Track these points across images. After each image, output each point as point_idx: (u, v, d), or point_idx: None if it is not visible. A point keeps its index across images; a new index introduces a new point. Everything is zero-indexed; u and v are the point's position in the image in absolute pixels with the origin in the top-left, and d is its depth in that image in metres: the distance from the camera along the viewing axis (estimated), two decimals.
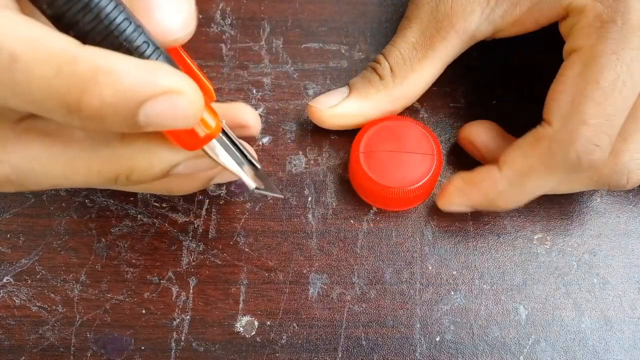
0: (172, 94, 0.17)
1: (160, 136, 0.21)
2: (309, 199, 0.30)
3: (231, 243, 0.28)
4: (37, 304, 0.27)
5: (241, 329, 0.27)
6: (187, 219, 0.29)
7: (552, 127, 0.25)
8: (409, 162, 0.28)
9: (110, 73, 0.16)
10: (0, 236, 0.28)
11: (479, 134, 0.29)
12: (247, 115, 0.26)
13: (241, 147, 0.23)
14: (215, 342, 0.27)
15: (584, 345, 0.27)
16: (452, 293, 0.28)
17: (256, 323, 0.27)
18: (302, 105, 0.32)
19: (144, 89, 0.16)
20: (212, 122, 0.21)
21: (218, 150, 0.22)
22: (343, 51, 0.33)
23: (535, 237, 0.29)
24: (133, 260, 0.28)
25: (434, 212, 0.29)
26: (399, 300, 0.28)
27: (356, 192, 0.30)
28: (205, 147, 0.21)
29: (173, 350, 0.27)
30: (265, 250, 0.28)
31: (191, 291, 0.28)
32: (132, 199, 0.29)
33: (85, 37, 0.17)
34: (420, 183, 0.27)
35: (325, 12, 0.34)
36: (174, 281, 0.28)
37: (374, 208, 0.29)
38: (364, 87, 0.29)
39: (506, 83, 0.32)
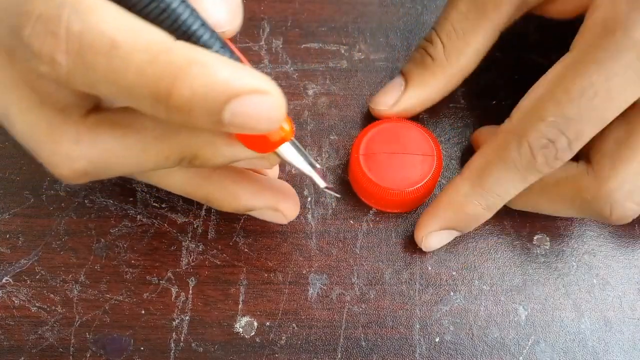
0: (260, 93, 0.17)
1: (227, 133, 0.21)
2: (309, 199, 0.29)
3: (230, 243, 0.28)
4: (37, 304, 0.27)
5: (240, 329, 0.27)
6: (187, 220, 0.29)
7: (511, 121, 0.25)
8: (409, 164, 0.28)
9: (204, 65, 0.16)
10: None
11: (485, 138, 0.29)
12: None
13: (301, 147, 0.23)
14: (215, 342, 0.27)
15: (584, 346, 0.27)
16: (452, 294, 0.28)
17: (255, 323, 0.27)
18: (302, 105, 0.32)
19: (233, 84, 0.17)
20: (286, 125, 0.21)
21: (289, 152, 0.22)
22: (343, 51, 0.33)
23: (535, 238, 0.29)
24: (132, 261, 0.28)
25: None
26: (398, 301, 0.28)
27: (356, 193, 0.30)
28: (277, 152, 0.22)
29: (172, 351, 0.27)
30: (264, 251, 0.28)
31: (190, 291, 0.28)
32: (131, 199, 0.29)
33: None
34: (420, 184, 0.27)
35: (325, 12, 0.34)
36: (174, 281, 0.28)
37: (374, 209, 0.29)
38: (420, 75, 0.28)
39: (506, 84, 0.32)
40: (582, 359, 0.27)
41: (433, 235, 0.27)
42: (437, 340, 0.27)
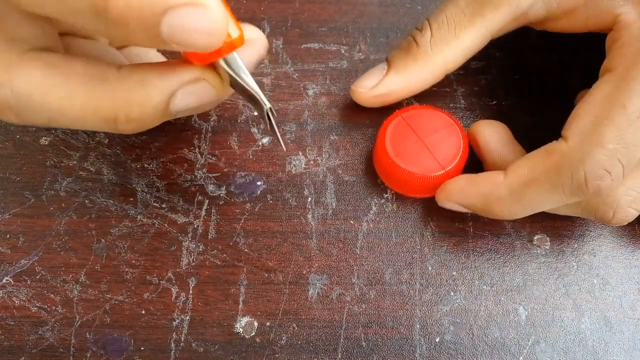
0: (195, 6, 0.17)
1: (156, 68, 0.21)
2: (309, 199, 0.29)
3: (231, 243, 0.28)
4: (37, 304, 0.27)
5: (241, 329, 0.27)
6: (187, 220, 0.29)
7: (568, 143, 0.24)
8: (437, 144, 0.28)
9: None
10: None
11: (484, 133, 0.29)
12: (247, 31, 0.24)
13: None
14: (215, 342, 0.27)
15: (584, 346, 0.27)
16: (452, 294, 0.28)
17: (256, 324, 0.27)
18: (302, 105, 0.32)
19: None
20: (234, 32, 0.19)
21: (237, 66, 0.20)
22: (343, 51, 0.33)
23: (535, 238, 0.29)
24: (133, 261, 0.28)
25: (434, 212, 0.29)
26: (398, 301, 0.28)
27: (357, 192, 0.30)
28: (222, 62, 0.20)
29: (172, 351, 0.27)
30: (265, 251, 0.28)
31: (191, 292, 0.28)
32: (131, 199, 0.29)
33: None
34: (450, 167, 0.28)
35: (325, 12, 0.34)
36: (174, 282, 0.28)
37: (374, 208, 0.29)
38: (402, 59, 0.28)
39: (506, 84, 0.32)
40: (582, 359, 0.27)
41: (452, 205, 0.27)
42: (437, 340, 0.27)
